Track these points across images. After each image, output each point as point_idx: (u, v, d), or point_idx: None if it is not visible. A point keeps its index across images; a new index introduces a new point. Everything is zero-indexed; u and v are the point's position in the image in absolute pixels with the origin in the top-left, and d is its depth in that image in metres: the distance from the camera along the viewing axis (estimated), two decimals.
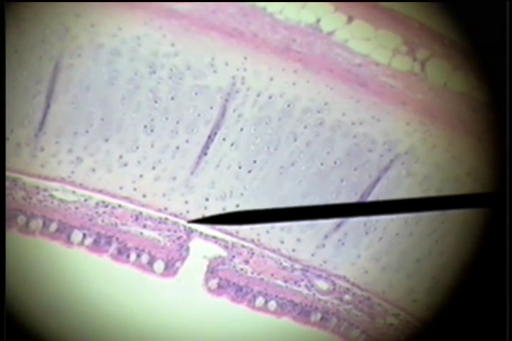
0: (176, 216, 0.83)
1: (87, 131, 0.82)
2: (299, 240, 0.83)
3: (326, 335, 0.85)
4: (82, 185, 0.82)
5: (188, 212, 0.83)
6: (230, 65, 0.81)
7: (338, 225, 0.83)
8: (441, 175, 0.83)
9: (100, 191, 0.82)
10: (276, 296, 0.84)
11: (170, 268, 0.83)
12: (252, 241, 0.83)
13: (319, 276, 0.84)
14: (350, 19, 0.82)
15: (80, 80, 0.81)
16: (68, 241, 0.83)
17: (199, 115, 0.82)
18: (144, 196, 0.82)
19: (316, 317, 0.84)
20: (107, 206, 0.83)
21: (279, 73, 0.82)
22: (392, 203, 0.70)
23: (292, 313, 0.84)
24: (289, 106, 0.82)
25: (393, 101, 0.82)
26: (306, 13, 0.82)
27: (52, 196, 0.83)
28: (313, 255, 0.83)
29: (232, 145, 0.82)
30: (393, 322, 0.85)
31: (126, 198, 0.82)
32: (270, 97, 0.82)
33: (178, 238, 0.83)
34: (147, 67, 0.81)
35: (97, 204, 0.83)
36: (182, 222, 0.83)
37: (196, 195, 0.82)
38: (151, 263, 0.83)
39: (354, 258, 0.83)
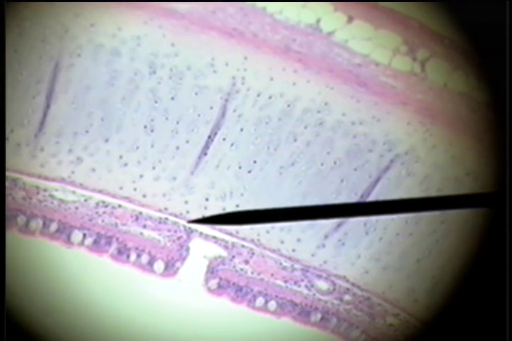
0: (176, 216, 0.83)
1: (87, 131, 0.82)
2: (299, 240, 0.83)
3: (326, 335, 0.85)
4: (82, 185, 0.82)
5: (188, 212, 0.83)
6: (230, 65, 0.81)
7: (338, 225, 0.83)
8: (441, 175, 0.83)
9: (100, 191, 0.82)
10: (276, 296, 0.84)
11: (170, 268, 0.83)
12: (252, 241, 0.83)
13: (319, 276, 0.84)
14: (350, 19, 0.82)
15: (79, 80, 0.81)
16: (68, 241, 0.83)
17: (199, 115, 0.82)
18: (144, 196, 0.82)
19: (316, 317, 0.84)
20: (107, 206, 0.83)
21: (279, 73, 0.82)
22: (392, 203, 0.70)
23: (292, 313, 0.84)
24: (289, 106, 0.82)
25: (393, 101, 0.82)
26: (306, 13, 0.82)
27: (52, 196, 0.83)
28: (313, 255, 0.83)
29: (232, 145, 0.82)
30: (393, 322, 0.85)
31: (126, 198, 0.82)
32: (270, 97, 0.82)
33: (178, 238, 0.83)
34: (147, 67, 0.81)
35: (97, 204, 0.83)
36: (182, 222, 0.83)
37: (196, 195, 0.82)
38: (151, 263, 0.83)
39: (354, 259, 0.83)
